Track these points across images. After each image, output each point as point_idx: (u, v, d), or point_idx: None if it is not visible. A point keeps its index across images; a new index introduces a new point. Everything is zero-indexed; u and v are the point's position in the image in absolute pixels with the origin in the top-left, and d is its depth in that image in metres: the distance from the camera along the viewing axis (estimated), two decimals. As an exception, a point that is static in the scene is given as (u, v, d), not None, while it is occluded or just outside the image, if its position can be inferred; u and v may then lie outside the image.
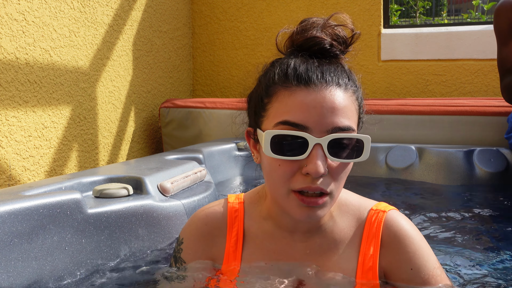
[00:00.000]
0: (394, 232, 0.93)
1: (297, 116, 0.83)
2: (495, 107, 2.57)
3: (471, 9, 7.39)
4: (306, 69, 0.86)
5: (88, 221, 1.30)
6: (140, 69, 3.25)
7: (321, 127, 0.82)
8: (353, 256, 0.93)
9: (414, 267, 0.91)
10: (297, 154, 0.82)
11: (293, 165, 0.83)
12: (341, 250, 0.94)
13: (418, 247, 0.92)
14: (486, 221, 1.84)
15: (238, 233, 0.98)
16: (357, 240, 0.94)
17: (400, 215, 0.96)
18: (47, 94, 2.43)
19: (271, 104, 0.88)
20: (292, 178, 0.84)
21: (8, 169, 2.21)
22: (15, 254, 1.12)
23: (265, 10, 3.78)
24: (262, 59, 3.79)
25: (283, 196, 0.86)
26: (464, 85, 3.35)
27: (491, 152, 2.37)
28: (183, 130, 3.21)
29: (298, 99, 0.83)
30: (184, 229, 1.04)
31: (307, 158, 0.82)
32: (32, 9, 2.32)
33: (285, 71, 0.88)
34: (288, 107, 0.84)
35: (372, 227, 0.94)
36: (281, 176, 0.85)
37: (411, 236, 0.93)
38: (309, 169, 0.81)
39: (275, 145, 0.83)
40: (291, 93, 0.85)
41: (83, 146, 2.70)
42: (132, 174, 1.60)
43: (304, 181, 0.82)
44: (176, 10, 3.70)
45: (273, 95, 0.88)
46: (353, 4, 3.56)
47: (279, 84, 0.88)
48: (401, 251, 0.92)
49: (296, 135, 0.82)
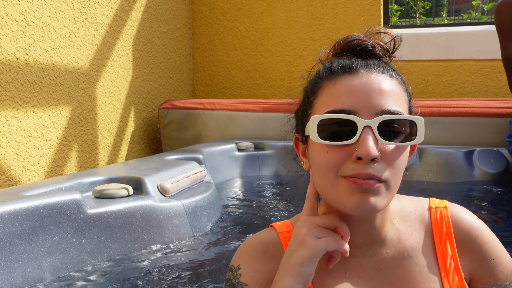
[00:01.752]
0: (467, 228, 0.91)
1: (343, 102, 0.79)
2: (496, 108, 2.57)
3: (471, 10, 7.39)
4: (350, 61, 0.85)
5: (88, 222, 1.30)
6: (140, 70, 3.25)
7: (369, 110, 0.78)
8: (432, 260, 0.88)
9: (496, 257, 0.90)
10: (346, 139, 0.77)
11: (342, 151, 0.78)
12: (417, 257, 0.88)
13: (492, 237, 0.92)
14: (486, 221, 1.84)
15: None
16: (430, 243, 0.89)
17: (461, 208, 0.95)
18: (47, 94, 2.43)
19: (317, 99, 0.85)
20: (342, 166, 0.78)
21: (8, 169, 2.21)
22: (15, 254, 1.12)
23: (265, 10, 3.78)
24: (262, 59, 3.80)
25: (332, 185, 0.79)
26: (464, 85, 3.35)
27: (491, 152, 2.37)
28: (182, 131, 3.21)
29: (342, 86, 0.81)
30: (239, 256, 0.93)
31: (357, 142, 0.77)
32: (32, 10, 2.32)
33: (329, 66, 0.86)
34: (334, 96, 0.81)
35: (441, 227, 0.90)
36: (329, 163, 0.79)
37: (483, 229, 0.92)
38: (360, 152, 0.75)
39: (322, 131, 0.79)
40: (336, 81, 0.82)
41: (83, 147, 2.70)
42: (132, 175, 1.60)
43: (355, 167, 0.76)
44: (176, 11, 3.70)
45: (318, 90, 0.85)
46: (353, 4, 3.56)
47: (324, 78, 0.85)
48: (478, 245, 0.90)
49: (344, 118, 0.77)
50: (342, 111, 0.79)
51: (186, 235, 1.56)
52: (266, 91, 3.82)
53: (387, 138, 0.78)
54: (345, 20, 3.59)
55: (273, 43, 3.79)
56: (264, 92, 3.83)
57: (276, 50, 3.78)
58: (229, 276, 0.92)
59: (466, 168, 2.36)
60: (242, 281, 0.89)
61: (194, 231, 1.60)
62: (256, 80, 3.85)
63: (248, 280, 0.89)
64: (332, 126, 0.79)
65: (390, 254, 0.87)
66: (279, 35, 3.77)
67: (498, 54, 3.18)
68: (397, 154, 0.79)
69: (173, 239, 1.52)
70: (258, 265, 0.90)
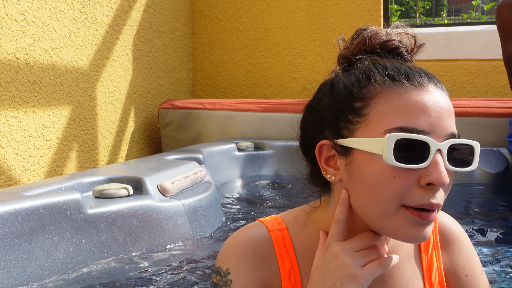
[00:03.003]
0: (450, 237, 0.88)
1: (416, 120, 0.71)
2: (496, 108, 2.57)
3: (471, 10, 7.39)
4: (412, 71, 0.76)
5: (88, 221, 1.30)
6: (140, 69, 3.25)
7: (441, 132, 0.71)
8: (418, 272, 0.85)
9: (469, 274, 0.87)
10: (418, 162, 0.70)
11: (411, 175, 0.70)
12: (404, 268, 0.85)
13: (470, 252, 0.89)
14: (485, 220, 1.84)
15: (292, 264, 0.85)
16: (418, 255, 0.87)
17: (450, 219, 0.91)
18: (47, 94, 2.43)
19: (369, 108, 0.74)
20: (407, 193, 0.71)
21: (8, 169, 2.21)
22: (15, 254, 1.12)
23: (265, 10, 3.78)
24: (262, 59, 3.80)
25: (389, 215, 0.72)
26: (464, 85, 3.35)
27: (491, 152, 2.37)
28: (182, 131, 3.21)
29: (413, 100, 0.72)
30: (227, 257, 0.86)
31: (429, 166, 0.70)
32: (32, 10, 2.32)
33: (383, 70, 0.76)
34: (401, 110, 0.72)
35: (429, 239, 0.87)
36: (395, 190, 0.70)
37: (464, 240, 0.89)
38: (433, 177, 0.69)
39: (397, 151, 0.70)
40: (402, 92, 0.73)
41: (83, 146, 2.70)
42: (132, 175, 1.60)
43: (425, 195, 0.70)
44: (176, 10, 3.70)
45: (373, 98, 0.74)
46: (353, 4, 3.56)
47: (377, 83, 0.75)
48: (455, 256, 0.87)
49: (419, 139, 0.70)
50: (419, 130, 0.70)
51: (186, 235, 1.56)
52: (266, 91, 3.82)
53: (452, 163, 0.72)
54: (345, 20, 3.59)
55: (273, 43, 3.79)
56: (264, 92, 3.83)
57: (276, 50, 3.78)
58: (218, 281, 0.85)
59: (466, 168, 2.36)
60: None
61: (194, 231, 1.59)
62: (256, 80, 3.85)
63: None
64: (406, 143, 0.70)
65: None
66: (279, 35, 3.77)
67: (498, 54, 3.18)
68: (452, 179, 0.74)
69: (173, 239, 1.52)
70: (248, 269, 0.83)
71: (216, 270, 0.86)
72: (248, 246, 0.85)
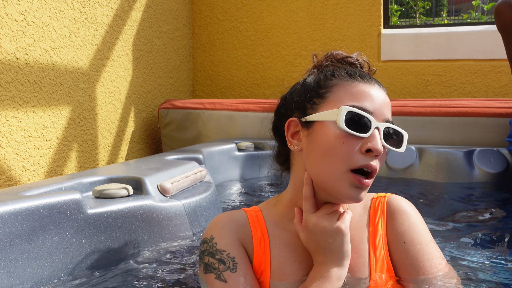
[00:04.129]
0: (394, 209, 1.06)
1: (364, 103, 0.96)
2: (496, 108, 2.56)
3: (471, 10, 7.39)
4: (363, 72, 1.03)
5: (88, 222, 1.30)
6: (140, 70, 3.25)
7: (380, 116, 0.96)
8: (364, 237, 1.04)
9: (407, 241, 1.02)
10: (363, 132, 0.93)
11: (355, 143, 0.94)
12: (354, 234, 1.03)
13: (413, 223, 1.04)
14: (485, 221, 1.84)
15: (263, 233, 1.05)
16: (366, 223, 1.05)
17: (400, 197, 1.09)
18: (47, 94, 2.43)
19: (331, 93, 1.00)
20: (353, 156, 0.93)
21: (8, 169, 2.21)
22: (15, 255, 1.12)
23: (265, 10, 3.78)
24: (262, 59, 3.80)
25: (338, 176, 0.94)
26: (464, 85, 3.35)
27: (491, 152, 2.37)
28: (182, 131, 3.21)
29: (361, 89, 0.98)
30: (209, 229, 1.06)
31: (369, 137, 0.94)
32: (32, 10, 2.32)
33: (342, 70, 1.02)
34: (353, 95, 0.97)
35: (377, 210, 1.06)
36: (343, 153, 0.94)
37: (408, 213, 1.05)
38: (372, 145, 0.93)
39: (347, 120, 0.94)
40: (353, 84, 0.99)
41: (83, 147, 2.70)
42: (132, 175, 1.60)
43: (365, 158, 0.93)
44: (176, 11, 3.71)
45: (332, 86, 1.00)
46: (353, 4, 3.56)
47: (338, 78, 1.01)
48: (397, 225, 1.04)
49: (364, 115, 0.94)
50: (362, 108, 0.95)
51: (186, 235, 1.56)
52: (266, 91, 3.82)
53: (386, 141, 0.97)
54: (345, 20, 3.59)
55: (273, 43, 3.79)
56: (264, 92, 3.83)
57: (276, 50, 3.78)
58: (205, 248, 1.04)
59: (466, 168, 2.36)
60: (219, 248, 1.01)
61: (194, 231, 1.60)
62: (256, 80, 3.85)
63: (224, 246, 1.01)
64: (355, 116, 0.94)
65: None
66: (279, 35, 3.77)
67: (498, 54, 3.19)
68: (385, 156, 0.99)
69: (173, 239, 1.52)
70: (228, 232, 1.03)
71: (202, 241, 1.06)
72: (227, 218, 1.06)
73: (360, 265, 1.01)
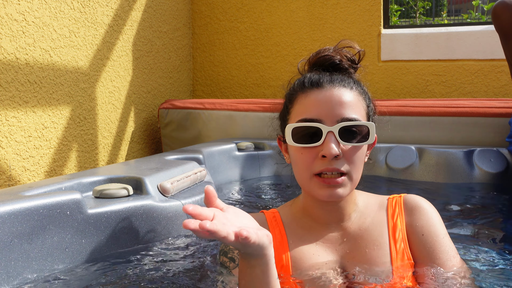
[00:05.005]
0: (412, 205, 1.12)
1: (311, 112, 1.03)
2: (496, 108, 2.56)
3: (471, 10, 7.39)
4: (318, 77, 1.07)
5: (88, 222, 1.30)
6: (140, 70, 3.25)
7: (332, 118, 1.01)
8: (384, 232, 1.10)
9: (425, 233, 1.09)
10: (314, 142, 1.01)
11: (312, 151, 1.02)
12: (373, 230, 1.10)
13: (430, 217, 1.11)
14: (485, 221, 1.84)
15: (280, 231, 1.13)
16: (385, 220, 1.12)
17: (415, 195, 1.15)
18: (47, 94, 2.43)
19: (293, 108, 1.08)
20: (313, 163, 1.01)
21: (8, 169, 2.21)
22: (15, 255, 1.12)
23: (265, 10, 3.78)
24: (262, 59, 3.80)
25: (307, 181, 1.04)
26: (464, 85, 3.35)
27: (491, 152, 2.37)
28: (182, 131, 3.21)
29: (311, 98, 1.04)
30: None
31: (322, 144, 1.00)
32: (32, 10, 2.32)
33: (302, 81, 1.09)
34: (304, 107, 1.05)
35: (395, 208, 1.13)
36: (303, 162, 1.03)
37: (425, 208, 1.12)
38: (324, 151, 0.99)
39: (296, 136, 1.03)
40: (306, 95, 1.06)
41: (83, 146, 2.70)
42: (132, 175, 1.60)
43: (322, 163, 1.00)
44: (176, 11, 3.71)
45: (294, 100, 1.09)
46: (353, 4, 3.56)
47: (298, 90, 1.08)
48: (415, 219, 1.10)
49: (311, 125, 1.01)
50: (311, 120, 1.02)
51: (186, 235, 1.56)
52: (266, 91, 3.83)
53: (347, 140, 1.01)
54: (345, 20, 3.59)
55: (273, 43, 3.79)
56: (264, 92, 3.83)
57: (276, 50, 3.78)
58: (221, 247, 1.13)
59: (466, 168, 2.36)
60: (232, 248, 1.07)
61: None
62: (256, 80, 3.85)
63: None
64: (303, 132, 1.03)
65: (352, 229, 1.11)
66: (279, 35, 3.77)
67: (498, 54, 3.19)
68: (354, 151, 1.03)
69: (173, 239, 1.52)
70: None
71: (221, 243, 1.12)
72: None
73: (382, 256, 1.07)
